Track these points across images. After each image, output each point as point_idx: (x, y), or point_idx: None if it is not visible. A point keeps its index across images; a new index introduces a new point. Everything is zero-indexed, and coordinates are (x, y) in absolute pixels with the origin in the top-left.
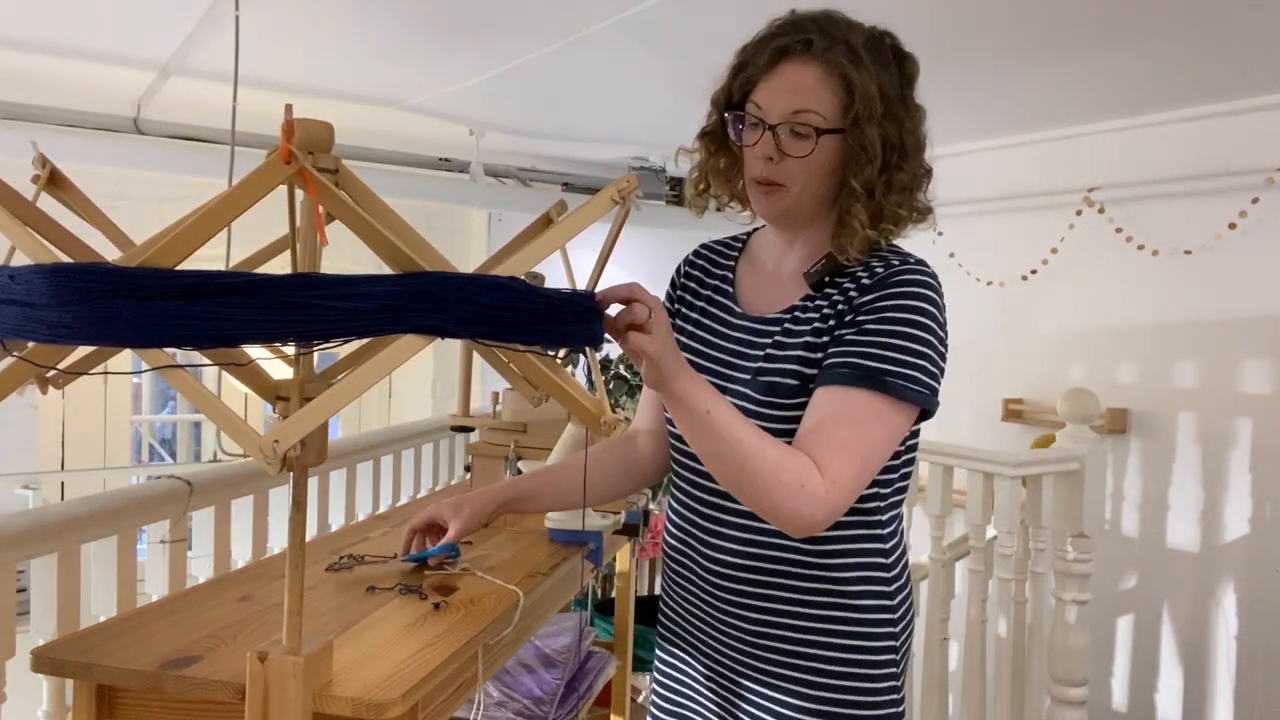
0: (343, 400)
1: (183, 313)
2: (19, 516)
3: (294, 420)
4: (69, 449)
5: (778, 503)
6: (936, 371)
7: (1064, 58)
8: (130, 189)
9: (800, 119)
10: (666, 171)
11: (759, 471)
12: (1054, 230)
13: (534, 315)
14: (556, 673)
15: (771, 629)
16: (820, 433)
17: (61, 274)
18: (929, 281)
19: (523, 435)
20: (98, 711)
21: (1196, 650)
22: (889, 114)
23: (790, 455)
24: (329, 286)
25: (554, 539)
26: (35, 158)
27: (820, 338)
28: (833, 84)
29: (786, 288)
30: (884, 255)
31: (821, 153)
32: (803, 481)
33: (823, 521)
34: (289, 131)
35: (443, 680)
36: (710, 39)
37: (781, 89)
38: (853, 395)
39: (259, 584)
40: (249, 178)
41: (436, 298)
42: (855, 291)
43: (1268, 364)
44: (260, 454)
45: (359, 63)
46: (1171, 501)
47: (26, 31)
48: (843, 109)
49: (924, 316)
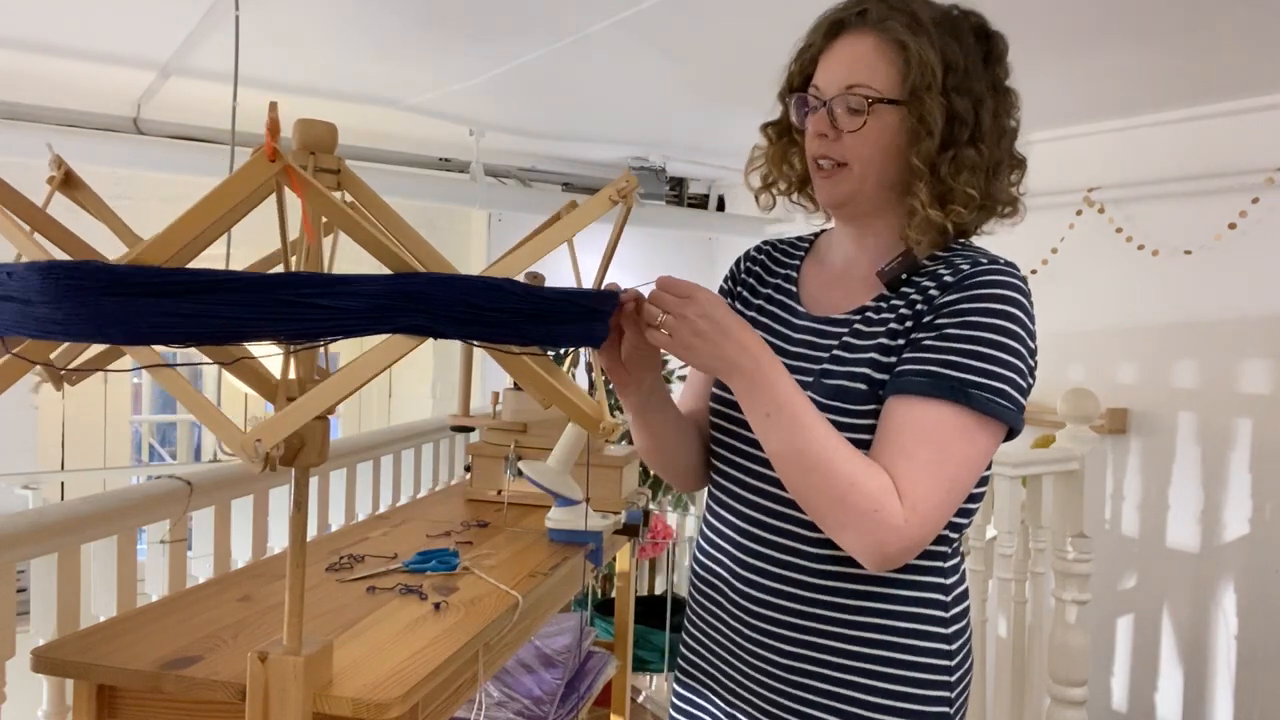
0: (326, 400)
1: (171, 310)
2: (19, 516)
3: (277, 418)
4: (69, 449)
5: (846, 525)
6: (1025, 385)
7: (1064, 58)
8: (130, 189)
9: (854, 91)
10: (666, 171)
11: (827, 487)
12: (1054, 230)
13: (526, 316)
14: (556, 673)
15: (806, 664)
16: (901, 452)
17: (53, 271)
18: (1017, 284)
19: (523, 435)
20: (98, 711)
21: (1196, 650)
22: (959, 87)
23: (868, 474)
24: (317, 285)
25: (554, 539)
26: (51, 159)
27: (895, 339)
28: (889, 53)
29: (856, 288)
30: (969, 254)
31: (879, 126)
32: (877, 506)
33: (898, 555)
34: (274, 129)
35: (443, 680)
36: (710, 39)
37: (837, 63)
38: (933, 409)
39: (259, 584)
40: (234, 176)
41: (425, 298)
42: (936, 290)
43: (1268, 364)
44: (243, 452)
45: (359, 63)
46: (1171, 501)
47: (26, 31)
48: (901, 79)
49: (1012, 322)
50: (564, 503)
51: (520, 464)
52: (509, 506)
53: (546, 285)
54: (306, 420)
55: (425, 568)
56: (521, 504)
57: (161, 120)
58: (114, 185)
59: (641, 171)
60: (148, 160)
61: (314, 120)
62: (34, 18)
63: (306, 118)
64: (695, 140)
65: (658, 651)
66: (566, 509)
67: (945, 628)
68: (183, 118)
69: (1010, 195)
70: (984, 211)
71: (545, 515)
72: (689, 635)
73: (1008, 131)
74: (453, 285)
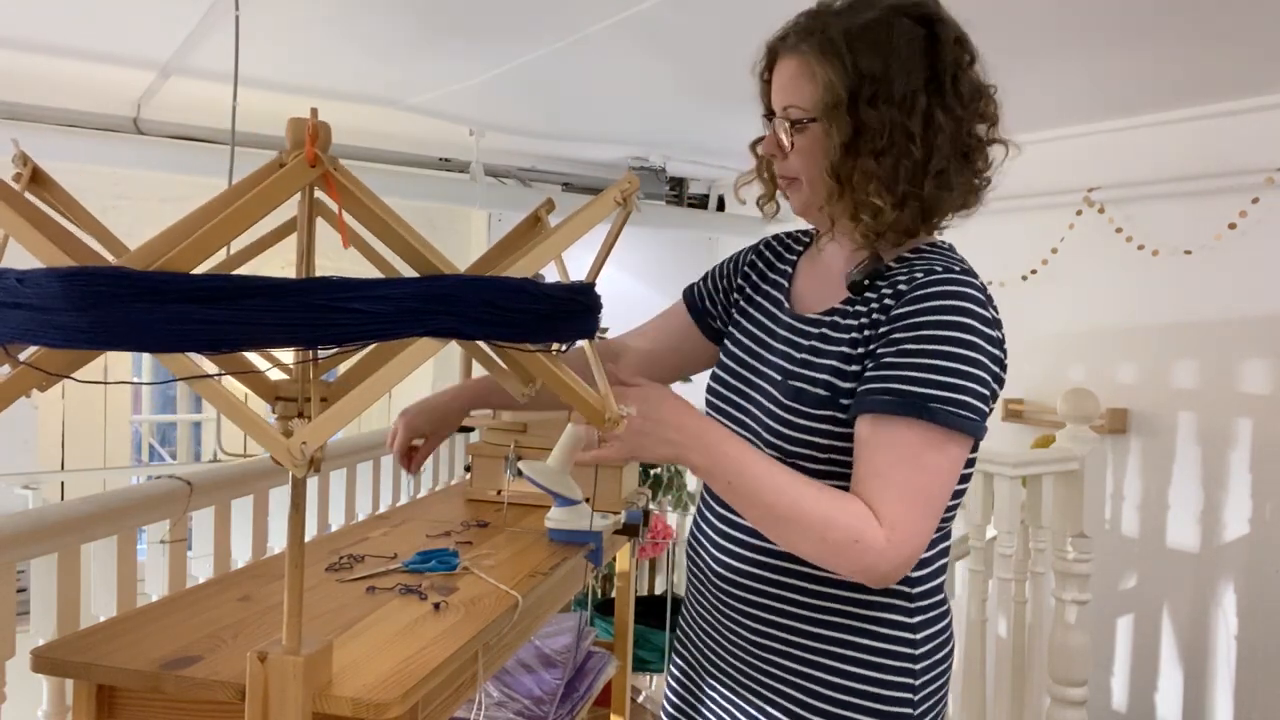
0: (366, 402)
1: (205, 316)
2: (19, 516)
3: (320, 422)
4: (69, 449)
5: (834, 559)
6: (987, 394)
7: (1064, 57)
8: (130, 189)
9: (787, 113)
10: (666, 171)
11: (805, 533)
12: (1054, 230)
13: (541, 315)
14: (556, 673)
15: (773, 642)
16: (876, 474)
17: (79, 278)
18: (969, 292)
19: (522, 435)
20: (98, 711)
21: (1196, 650)
22: (874, 97)
23: (840, 508)
24: (351, 289)
25: (554, 539)
26: (15, 155)
27: (856, 349)
28: (808, 73)
29: (832, 289)
30: (929, 260)
31: (806, 142)
32: (856, 536)
33: (892, 574)
34: (315, 135)
35: (443, 680)
36: (710, 39)
37: (776, 86)
38: (900, 427)
39: (259, 584)
40: (273, 181)
41: (453, 300)
42: (891, 299)
43: (1268, 364)
44: (288, 456)
45: (359, 63)
46: (1171, 501)
47: (26, 31)
48: (818, 98)
49: (966, 332)
50: (564, 503)
51: (520, 464)
52: (509, 506)
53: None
54: (347, 423)
55: (425, 568)
56: (521, 504)
57: (161, 120)
58: (114, 185)
59: (641, 171)
60: (148, 160)
61: (306, 119)
62: (34, 18)
63: (297, 116)
64: (695, 140)
65: (658, 651)
66: (566, 509)
67: (910, 617)
68: (183, 118)
69: (969, 185)
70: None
71: (545, 515)
72: (682, 619)
73: (958, 123)
74: (480, 287)
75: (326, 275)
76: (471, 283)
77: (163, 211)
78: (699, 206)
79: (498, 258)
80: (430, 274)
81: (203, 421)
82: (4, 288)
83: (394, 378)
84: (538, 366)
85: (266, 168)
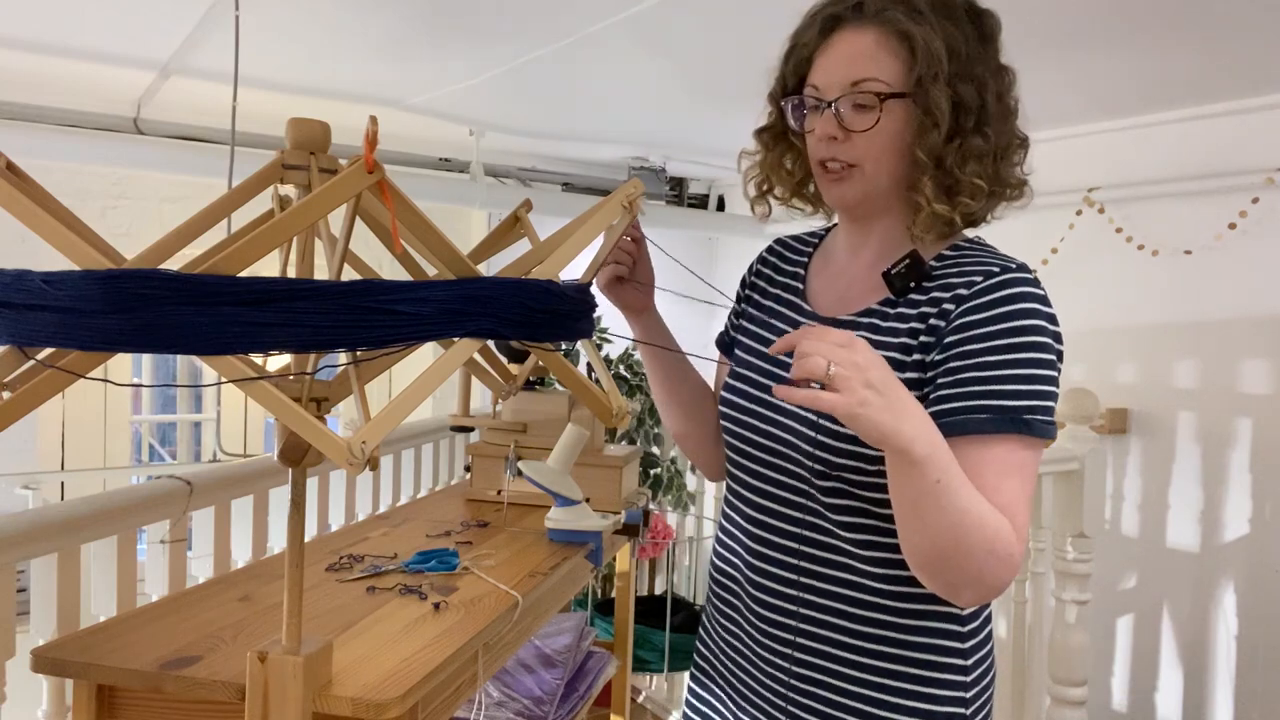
0: (415, 401)
1: (251, 319)
2: (19, 516)
3: (377, 421)
4: (69, 449)
5: (987, 575)
6: (1058, 392)
7: (1064, 58)
8: (130, 188)
9: (861, 88)
10: (666, 171)
11: (980, 544)
12: (1054, 230)
13: (562, 315)
14: (556, 673)
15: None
16: (994, 491)
17: (122, 280)
18: (1033, 291)
19: (523, 435)
20: (98, 711)
21: (1196, 650)
22: (962, 73)
23: (1000, 518)
24: (393, 291)
25: (554, 539)
26: None
27: (909, 355)
28: (893, 45)
29: (862, 287)
30: (979, 257)
31: (890, 122)
32: (1011, 549)
33: (1005, 587)
34: (372, 142)
35: (443, 680)
36: (710, 39)
37: (837, 60)
38: (1002, 445)
39: (259, 584)
40: (327, 186)
41: (490, 301)
42: (951, 304)
43: (1268, 364)
44: (345, 455)
45: (359, 63)
46: (1171, 501)
47: (26, 31)
48: (906, 71)
49: (1039, 335)
50: (564, 503)
51: (520, 464)
52: (509, 506)
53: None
54: (400, 421)
55: (425, 568)
56: (521, 504)
57: (161, 120)
58: (114, 185)
59: (641, 171)
60: (148, 160)
61: (308, 119)
62: (34, 18)
63: (300, 117)
64: (695, 140)
65: (658, 651)
66: (566, 509)
67: (963, 642)
68: (183, 118)
69: (1018, 178)
70: (993, 199)
71: (545, 515)
72: (705, 632)
73: (1011, 111)
74: (514, 289)
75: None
76: (506, 285)
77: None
78: (699, 206)
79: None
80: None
81: (203, 422)
82: (26, 289)
83: (438, 378)
84: (557, 365)
85: (267, 168)
